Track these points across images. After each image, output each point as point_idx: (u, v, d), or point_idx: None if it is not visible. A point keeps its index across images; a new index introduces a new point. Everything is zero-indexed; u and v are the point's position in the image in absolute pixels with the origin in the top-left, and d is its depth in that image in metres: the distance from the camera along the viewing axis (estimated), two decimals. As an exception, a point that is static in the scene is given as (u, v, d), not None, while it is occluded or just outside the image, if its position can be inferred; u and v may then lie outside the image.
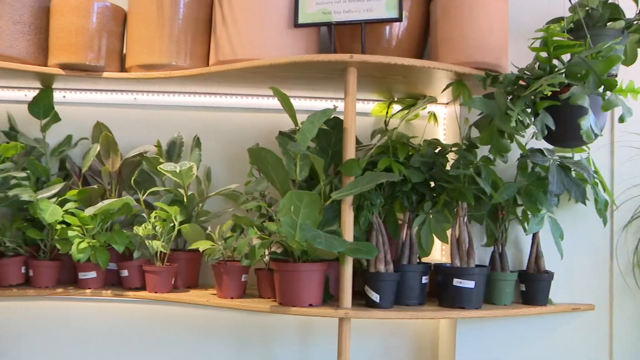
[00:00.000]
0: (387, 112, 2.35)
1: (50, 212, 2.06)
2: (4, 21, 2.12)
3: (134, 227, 2.14)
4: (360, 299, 2.02)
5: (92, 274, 2.15)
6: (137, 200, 2.20)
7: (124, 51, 2.26)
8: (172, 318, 2.41)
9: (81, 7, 2.15)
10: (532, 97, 1.86)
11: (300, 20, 2.04)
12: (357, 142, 2.11)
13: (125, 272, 2.16)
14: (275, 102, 2.39)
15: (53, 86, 2.37)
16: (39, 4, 2.20)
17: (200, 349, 2.41)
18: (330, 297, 2.04)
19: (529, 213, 2.11)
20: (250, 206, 2.00)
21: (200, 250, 2.07)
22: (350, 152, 1.93)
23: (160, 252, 2.12)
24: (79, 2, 2.15)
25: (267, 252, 2.05)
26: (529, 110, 1.87)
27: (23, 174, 2.05)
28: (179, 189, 2.21)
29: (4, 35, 2.11)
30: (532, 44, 1.95)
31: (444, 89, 2.13)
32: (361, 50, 2.01)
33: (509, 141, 1.92)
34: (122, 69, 2.25)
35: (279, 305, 1.96)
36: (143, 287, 2.17)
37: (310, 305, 1.93)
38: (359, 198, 1.97)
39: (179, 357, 2.41)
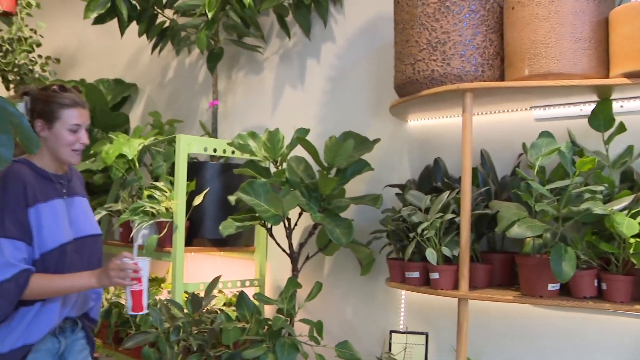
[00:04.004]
0: None
1: (627, 226, 2.01)
2: (567, 41, 2.19)
3: None
4: None
5: (674, 291, 2.03)
6: None
7: (692, 50, 2.08)
8: None
9: (644, 11, 2.07)
10: None
11: None
12: None
13: None
14: None
15: (611, 97, 2.34)
16: (597, 18, 2.21)
17: None
18: None
19: None
20: None
21: None
22: None
23: None
24: (642, 7, 2.08)
25: None
26: None
27: (600, 188, 2.06)
28: None
29: (567, 54, 2.19)
30: None
31: None
32: None
33: None
34: (691, 69, 2.08)
35: None
36: None
37: None
38: None
39: None
